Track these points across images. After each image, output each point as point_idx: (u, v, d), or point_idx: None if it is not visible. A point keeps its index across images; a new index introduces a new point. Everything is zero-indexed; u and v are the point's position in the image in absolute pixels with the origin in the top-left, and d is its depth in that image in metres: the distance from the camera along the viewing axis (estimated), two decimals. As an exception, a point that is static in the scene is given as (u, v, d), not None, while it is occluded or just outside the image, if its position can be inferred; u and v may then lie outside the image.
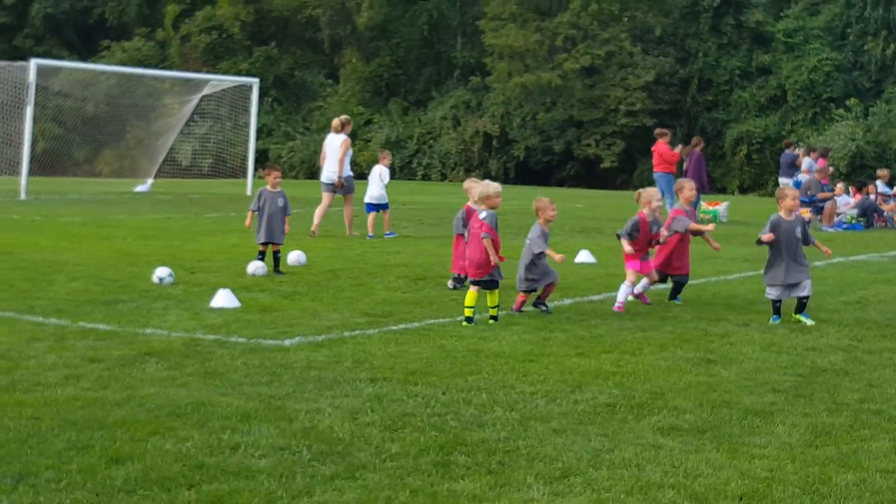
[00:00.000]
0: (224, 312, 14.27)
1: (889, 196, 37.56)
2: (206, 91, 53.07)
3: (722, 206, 37.72)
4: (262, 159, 72.56)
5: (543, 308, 15.10)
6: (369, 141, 77.39)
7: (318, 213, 27.42)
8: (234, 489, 7.16)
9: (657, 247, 16.41)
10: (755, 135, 69.39)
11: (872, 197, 36.31)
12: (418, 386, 10.28)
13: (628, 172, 72.55)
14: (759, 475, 7.77)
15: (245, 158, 51.54)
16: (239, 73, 71.33)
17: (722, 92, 72.76)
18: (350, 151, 27.46)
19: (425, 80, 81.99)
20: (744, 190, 69.28)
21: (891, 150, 63.47)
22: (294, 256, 19.74)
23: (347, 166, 27.22)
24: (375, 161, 29.12)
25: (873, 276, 20.35)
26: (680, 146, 37.64)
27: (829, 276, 20.23)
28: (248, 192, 46.22)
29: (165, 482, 7.26)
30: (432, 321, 14.04)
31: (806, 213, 33.83)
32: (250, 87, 50.34)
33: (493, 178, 61.25)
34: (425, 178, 75.09)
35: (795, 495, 7.35)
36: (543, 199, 15.62)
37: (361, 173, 76.22)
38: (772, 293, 14.92)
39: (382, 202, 27.31)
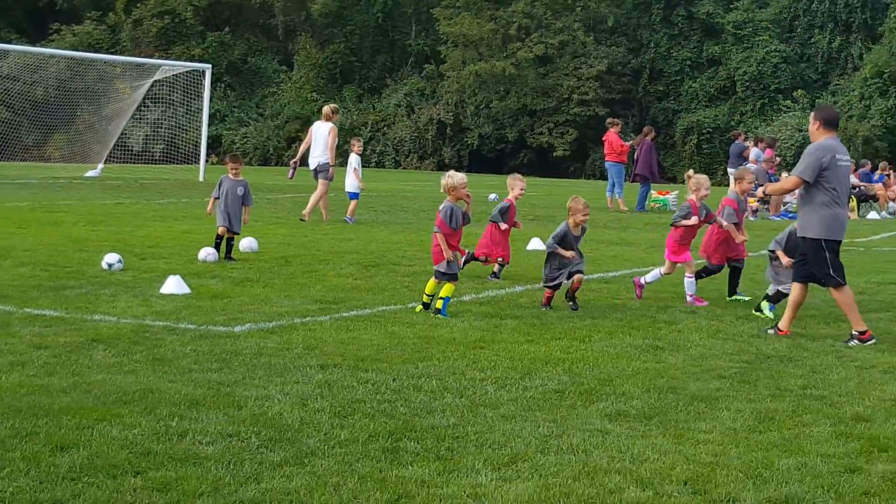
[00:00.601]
0: (174, 299, 14.25)
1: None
2: (158, 76, 52.82)
3: (672, 195, 37.93)
4: (214, 145, 72.50)
5: (572, 305, 14.57)
6: (323, 128, 77.19)
7: (318, 199, 27.82)
8: (181, 476, 7.17)
9: (709, 238, 16.33)
10: (705, 125, 69.84)
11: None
12: (368, 372, 10.31)
13: (581, 161, 72.86)
14: (703, 460, 7.87)
15: (197, 144, 51.40)
16: (192, 59, 71.13)
17: (673, 82, 73.18)
18: (336, 139, 27.76)
19: (380, 68, 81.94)
20: (694, 179, 69.54)
21: (837, 140, 63.88)
22: (246, 243, 19.72)
23: (329, 154, 27.48)
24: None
25: (820, 265, 20.48)
26: (630, 143, 37.83)
27: (776, 264, 20.37)
28: (201, 178, 46.09)
29: (111, 469, 7.25)
30: (383, 308, 14.07)
31: (753, 202, 34.08)
32: (203, 73, 50.15)
33: (447, 166, 61.21)
34: (379, 165, 75.07)
35: (739, 479, 7.44)
36: (579, 201, 14.94)
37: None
38: None
39: (353, 190, 27.65)
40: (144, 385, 9.47)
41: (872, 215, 37.27)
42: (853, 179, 38.70)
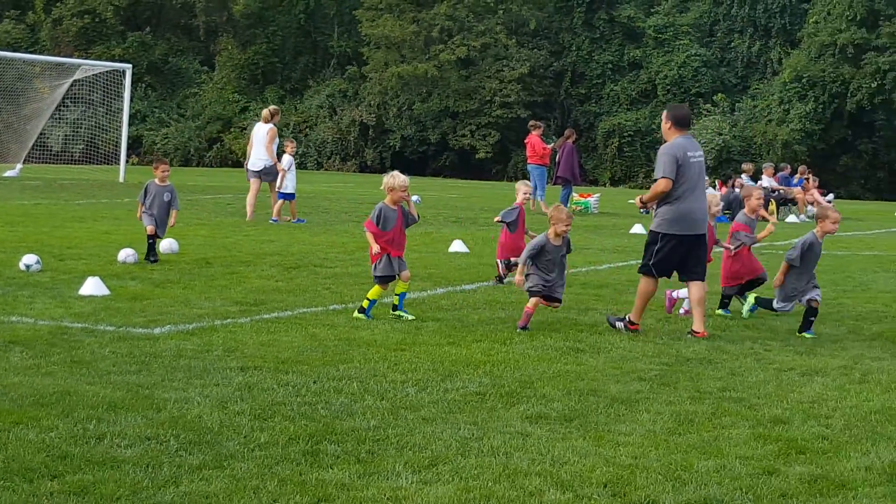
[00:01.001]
0: (93, 300, 14.12)
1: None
2: (78, 76, 52.34)
3: (593, 198, 38.12)
4: (134, 146, 71.99)
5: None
6: (245, 128, 76.86)
7: (248, 200, 27.91)
8: (99, 479, 7.10)
9: (726, 261, 15.84)
10: (626, 128, 70.32)
11: (738, 190, 36.92)
12: (289, 375, 10.27)
13: (503, 163, 73.08)
14: (623, 462, 7.90)
15: (118, 145, 50.98)
16: (112, 59, 70.58)
17: (594, 85, 73.60)
18: (277, 140, 28.02)
19: (302, 69, 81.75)
20: (615, 182, 70.11)
21: (755, 144, 64.64)
22: (166, 244, 19.56)
23: (274, 154, 27.71)
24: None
25: (739, 268, 20.66)
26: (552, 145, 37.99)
27: (696, 267, 20.52)
28: (121, 179, 45.72)
29: (28, 473, 7.17)
30: (304, 310, 14.02)
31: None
32: (123, 73, 49.75)
33: (369, 168, 60.87)
34: (301, 166, 74.63)
35: (658, 482, 7.48)
36: (562, 210, 14.02)
37: (237, 161, 76.07)
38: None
39: (287, 192, 27.99)
40: (62, 387, 9.37)
41: (791, 219, 37.65)
42: (772, 183, 39.10)
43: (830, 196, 43.74)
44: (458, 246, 21.84)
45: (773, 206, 37.54)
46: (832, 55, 65.18)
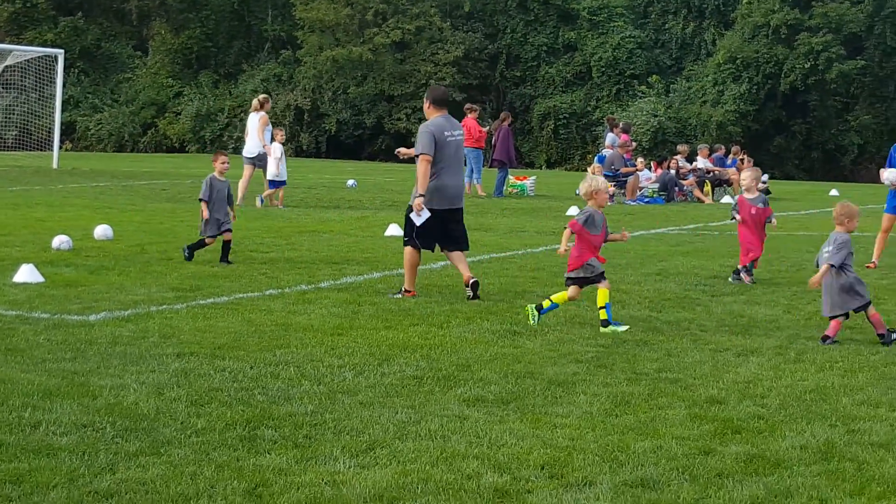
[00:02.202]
0: (27, 287, 14.01)
1: (688, 171, 38.43)
2: (10, 62, 51.78)
3: (529, 181, 38.18)
4: (68, 132, 71.41)
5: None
6: (179, 114, 76.48)
7: (240, 185, 28.16)
8: (35, 467, 7.06)
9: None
10: (562, 110, 70.39)
11: (672, 172, 37.13)
12: (226, 360, 10.24)
13: (439, 147, 72.89)
14: (560, 444, 7.94)
15: (51, 131, 50.53)
16: (44, 44, 69.83)
17: (529, 68, 73.60)
18: (269, 127, 28.65)
19: (236, 53, 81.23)
20: (551, 164, 70.24)
21: (690, 126, 64.96)
22: (101, 230, 19.44)
23: (264, 140, 28.30)
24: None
25: (673, 249, 20.84)
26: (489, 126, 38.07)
27: (630, 248, 20.63)
28: (55, 165, 45.37)
29: (-36, 461, 7.14)
30: (241, 295, 13.98)
31: (610, 186, 34.42)
32: (55, 58, 49.29)
33: (304, 152, 60.57)
34: (236, 151, 74.28)
35: (595, 463, 7.52)
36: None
37: (172, 146, 75.64)
38: None
39: (278, 179, 28.58)
40: (-4, 376, 9.31)
41: (726, 199, 37.87)
42: (707, 164, 39.30)
43: (765, 177, 43.94)
44: (394, 230, 21.80)
45: (707, 187, 37.78)
46: (765, 36, 65.54)
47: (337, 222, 24.09)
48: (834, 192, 43.55)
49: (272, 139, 28.85)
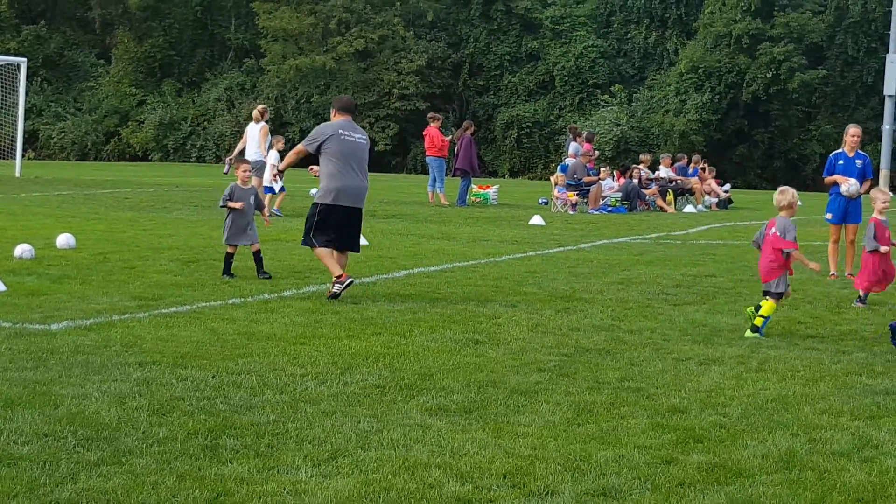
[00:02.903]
0: (-12, 297, 13.94)
1: (651, 180, 38.56)
2: (-28, 70, 51.55)
3: (492, 190, 38.25)
4: (31, 140, 71.03)
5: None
6: (142, 122, 76.26)
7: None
8: (-4, 476, 7.03)
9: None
10: (525, 119, 70.58)
11: (635, 181, 37.24)
12: (188, 369, 10.21)
13: (402, 155, 73.13)
14: (522, 453, 7.94)
15: (14, 139, 50.28)
16: (7, 52, 69.50)
17: (493, 77, 73.78)
18: (269, 137, 29.44)
19: (199, 62, 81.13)
20: (514, 173, 70.42)
21: (653, 135, 65.22)
22: (63, 239, 19.35)
23: (266, 150, 29.16)
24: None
25: (635, 258, 20.90)
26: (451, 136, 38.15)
27: (593, 258, 20.70)
28: (17, 174, 45.17)
29: (-76, 471, 7.09)
30: (203, 304, 13.94)
31: (572, 196, 34.53)
32: (18, 67, 49.06)
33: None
34: (200, 159, 74.37)
35: (557, 472, 7.53)
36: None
37: (135, 155, 75.40)
38: None
39: (272, 186, 29.06)
40: (-44, 386, 9.25)
41: (689, 209, 38.04)
42: (670, 173, 39.45)
43: (727, 186, 44.21)
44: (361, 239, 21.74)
45: (670, 197, 37.91)
46: (728, 45, 65.87)
47: (300, 231, 24.03)
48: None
49: (270, 147, 29.47)
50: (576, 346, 12.02)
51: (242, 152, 29.29)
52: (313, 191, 38.81)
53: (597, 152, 42.73)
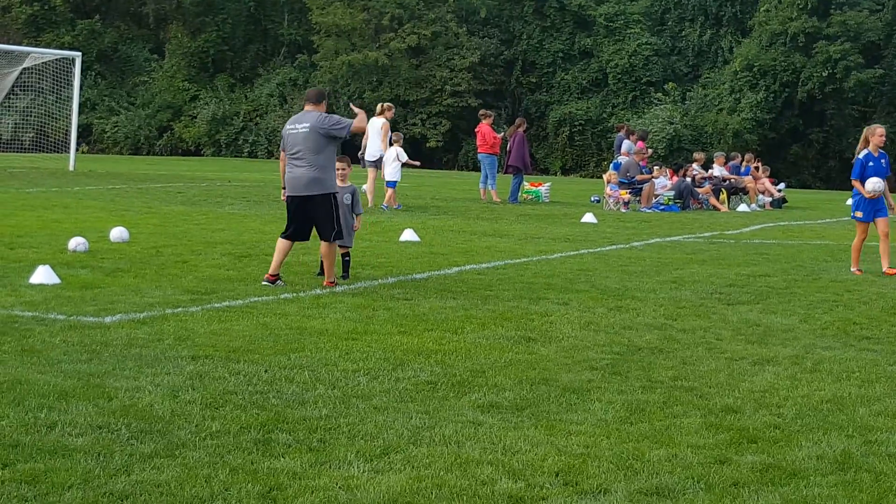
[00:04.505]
0: (43, 289, 14.03)
1: (704, 178, 38.38)
2: (28, 64, 51.89)
3: (544, 187, 38.15)
4: (84, 134, 71.52)
5: None
6: (195, 117, 76.55)
7: (368, 188, 30.81)
8: (50, 468, 7.07)
9: None
10: (577, 117, 70.34)
11: (688, 179, 37.08)
12: (240, 363, 10.24)
13: (454, 152, 73.09)
14: (575, 451, 7.92)
15: (67, 133, 50.64)
16: (61, 46, 69.98)
17: (545, 74, 73.57)
18: (389, 133, 31.21)
19: (252, 57, 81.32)
20: (566, 171, 70.22)
21: (706, 133, 64.88)
22: (117, 233, 19.47)
23: (383, 147, 30.75)
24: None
25: (688, 257, 20.80)
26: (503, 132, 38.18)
27: (645, 256, 20.63)
28: (71, 167, 45.45)
29: (-21, 461, 7.14)
30: (256, 299, 13.98)
31: (625, 194, 34.41)
32: (73, 61, 49.39)
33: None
34: (252, 155, 74.58)
35: (610, 471, 7.50)
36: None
37: (188, 150, 75.74)
38: None
39: (395, 178, 31.16)
40: (12, 376, 9.32)
41: (742, 207, 37.83)
42: (724, 172, 39.25)
43: (782, 185, 43.93)
44: (408, 235, 21.80)
45: (724, 196, 37.72)
46: (783, 44, 65.42)
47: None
48: (850, 202, 43.41)
49: (391, 143, 31.06)
50: (628, 345, 11.98)
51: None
52: (365, 186, 38.89)
53: (650, 150, 42.54)
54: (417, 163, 36.01)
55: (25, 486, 6.74)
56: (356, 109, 16.33)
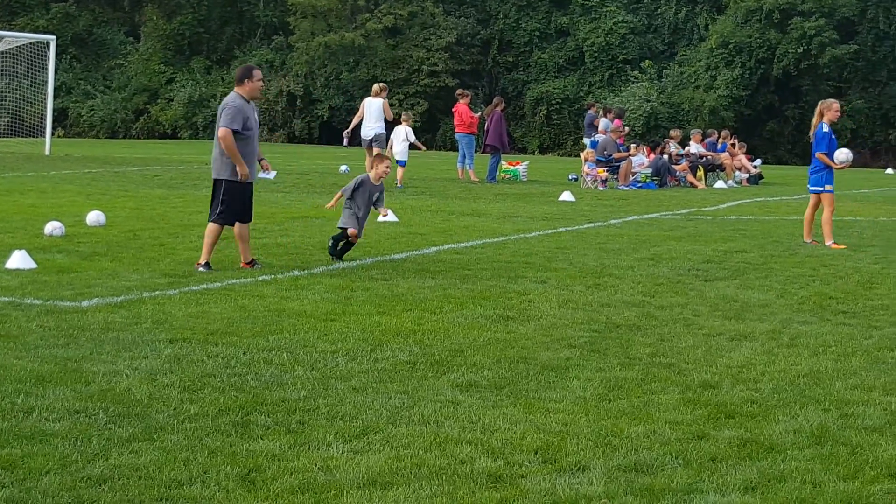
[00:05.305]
0: (19, 274, 13.98)
1: (681, 156, 38.42)
2: (1, 48, 51.60)
3: (522, 166, 38.14)
4: (60, 118, 71.20)
5: None
6: (171, 100, 76.32)
7: (367, 166, 30.77)
8: (28, 453, 7.05)
9: None
10: (554, 95, 70.35)
11: (665, 157, 37.11)
12: (218, 346, 10.23)
13: (431, 132, 72.95)
14: (554, 429, 7.93)
15: (43, 117, 50.40)
16: (36, 30, 69.67)
17: (522, 53, 73.55)
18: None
19: (228, 39, 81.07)
20: (543, 150, 70.26)
21: (683, 111, 64.94)
22: (93, 216, 19.40)
23: (383, 124, 31.72)
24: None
25: (666, 234, 20.83)
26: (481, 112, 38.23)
27: (623, 233, 20.66)
28: (47, 152, 45.27)
29: (-44, 447, 7.12)
30: (233, 281, 13.95)
31: (602, 172, 34.43)
32: (47, 45, 49.15)
33: (297, 138, 60.80)
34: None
35: (588, 448, 7.52)
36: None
37: (164, 132, 75.52)
38: None
39: (404, 158, 32.30)
40: (-12, 362, 9.29)
41: (720, 184, 37.89)
42: (700, 149, 39.30)
43: (758, 161, 44.02)
44: (388, 216, 21.72)
45: (700, 173, 37.77)
46: (758, 20, 65.47)
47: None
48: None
49: (398, 122, 32.50)
50: (606, 322, 11.99)
51: (358, 126, 31.80)
52: (343, 167, 38.87)
53: (627, 128, 42.57)
54: (423, 147, 36.60)
55: (2, 472, 6.73)
56: (246, 173, 15.01)
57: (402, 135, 32.44)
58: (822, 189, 19.80)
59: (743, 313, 12.76)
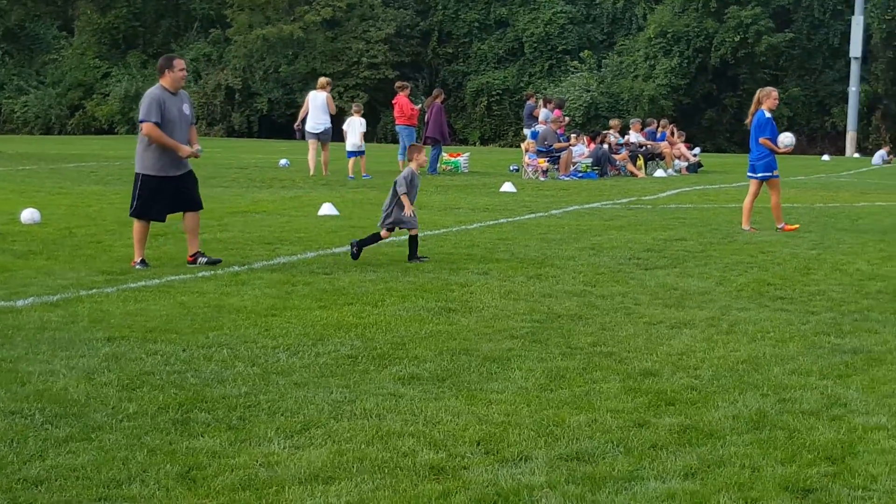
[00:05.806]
0: (-45, 274, 13.84)
1: (621, 145, 38.55)
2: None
3: (462, 157, 38.17)
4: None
5: None
6: (107, 95, 75.82)
7: (309, 158, 32.79)
8: (-36, 455, 6.98)
9: None
10: (494, 86, 70.51)
11: (605, 146, 37.23)
12: (158, 344, 10.15)
13: (372, 125, 72.73)
14: (496, 420, 7.92)
15: (-24, 114, 49.97)
16: (-33, 27, 69.01)
17: (462, 44, 73.65)
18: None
19: (164, 33, 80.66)
20: (485, 141, 70.39)
21: (622, 100, 65.20)
22: (28, 214, 19.23)
23: (329, 118, 32.57)
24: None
25: (606, 223, 20.89)
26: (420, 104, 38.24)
27: (564, 223, 20.69)
28: (-19, 149, 44.87)
29: None
30: (173, 278, 13.86)
31: (543, 162, 34.48)
32: (-20, 41, 48.72)
33: (236, 132, 60.61)
34: (167, 132, 73.90)
35: (531, 437, 7.52)
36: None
37: (101, 128, 75.02)
38: None
39: (360, 149, 33.33)
40: (-77, 364, 9.18)
41: (659, 173, 38.06)
42: (640, 138, 39.45)
43: (697, 150, 44.27)
44: (327, 209, 21.72)
45: (640, 162, 37.92)
46: (695, 10, 65.87)
47: (269, 202, 23.95)
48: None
49: (344, 113, 33.34)
50: (548, 313, 12.00)
51: (304, 119, 32.54)
52: (283, 161, 38.73)
53: (567, 118, 42.68)
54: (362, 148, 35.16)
55: (-62, 474, 6.65)
56: (187, 150, 15.15)
57: (357, 126, 33.12)
58: (771, 175, 19.92)
59: (683, 301, 12.81)
